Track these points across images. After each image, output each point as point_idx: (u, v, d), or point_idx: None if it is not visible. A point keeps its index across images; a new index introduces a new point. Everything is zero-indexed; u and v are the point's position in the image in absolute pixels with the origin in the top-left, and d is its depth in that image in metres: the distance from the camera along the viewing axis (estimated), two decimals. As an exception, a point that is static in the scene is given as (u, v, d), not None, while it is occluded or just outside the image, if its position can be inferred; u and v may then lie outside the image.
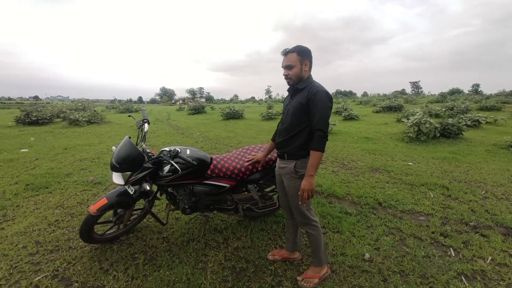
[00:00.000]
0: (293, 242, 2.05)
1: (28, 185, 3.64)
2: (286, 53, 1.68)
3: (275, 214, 2.76)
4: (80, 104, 16.04)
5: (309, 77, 1.72)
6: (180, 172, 1.99)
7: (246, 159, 2.28)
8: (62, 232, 2.49)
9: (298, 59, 1.64)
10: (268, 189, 2.61)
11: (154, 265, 2.03)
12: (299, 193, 1.62)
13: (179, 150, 2.03)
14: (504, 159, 5.05)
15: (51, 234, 2.44)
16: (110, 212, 2.29)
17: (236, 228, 2.54)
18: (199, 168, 2.10)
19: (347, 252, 2.17)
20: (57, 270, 1.98)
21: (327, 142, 1.59)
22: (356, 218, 2.72)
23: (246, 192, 2.52)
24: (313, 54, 1.71)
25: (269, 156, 2.23)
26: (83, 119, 11.18)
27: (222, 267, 2.01)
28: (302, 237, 2.34)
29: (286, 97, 1.92)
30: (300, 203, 1.64)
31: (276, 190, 2.63)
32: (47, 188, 3.58)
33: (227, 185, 2.21)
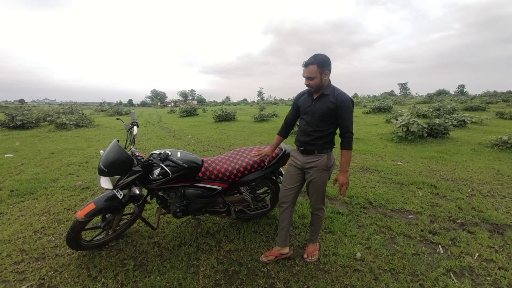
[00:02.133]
0: (286, 235, 2.07)
1: (12, 191, 3.51)
2: (306, 65, 1.78)
3: (267, 215, 2.76)
4: (67, 107, 15.63)
5: (329, 82, 1.87)
6: (170, 175, 1.97)
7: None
8: (48, 239, 2.42)
9: (318, 70, 1.76)
10: (260, 191, 2.61)
11: (144, 271, 1.99)
12: (339, 186, 1.90)
13: (170, 153, 2.01)
14: (489, 158, 5.22)
15: (37, 242, 2.36)
16: (99, 218, 2.24)
17: (229, 231, 2.52)
18: (190, 171, 2.08)
19: (339, 251, 2.19)
20: (43, 279, 1.91)
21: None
22: (348, 218, 2.75)
23: (238, 194, 2.51)
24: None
25: (260, 157, 2.23)
26: (71, 123, 10.89)
27: (214, 271, 1.99)
28: (292, 231, 2.35)
29: (303, 97, 1.99)
30: (340, 195, 1.94)
31: (268, 192, 2.64)
32: (32, 194, 3.47)
33: (219, 188, 2.19)
